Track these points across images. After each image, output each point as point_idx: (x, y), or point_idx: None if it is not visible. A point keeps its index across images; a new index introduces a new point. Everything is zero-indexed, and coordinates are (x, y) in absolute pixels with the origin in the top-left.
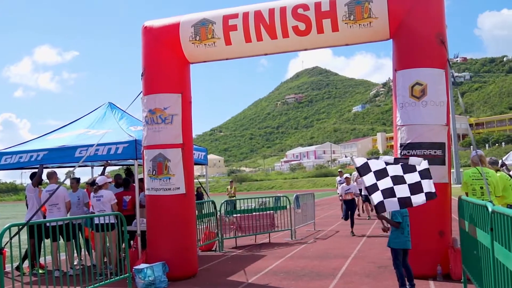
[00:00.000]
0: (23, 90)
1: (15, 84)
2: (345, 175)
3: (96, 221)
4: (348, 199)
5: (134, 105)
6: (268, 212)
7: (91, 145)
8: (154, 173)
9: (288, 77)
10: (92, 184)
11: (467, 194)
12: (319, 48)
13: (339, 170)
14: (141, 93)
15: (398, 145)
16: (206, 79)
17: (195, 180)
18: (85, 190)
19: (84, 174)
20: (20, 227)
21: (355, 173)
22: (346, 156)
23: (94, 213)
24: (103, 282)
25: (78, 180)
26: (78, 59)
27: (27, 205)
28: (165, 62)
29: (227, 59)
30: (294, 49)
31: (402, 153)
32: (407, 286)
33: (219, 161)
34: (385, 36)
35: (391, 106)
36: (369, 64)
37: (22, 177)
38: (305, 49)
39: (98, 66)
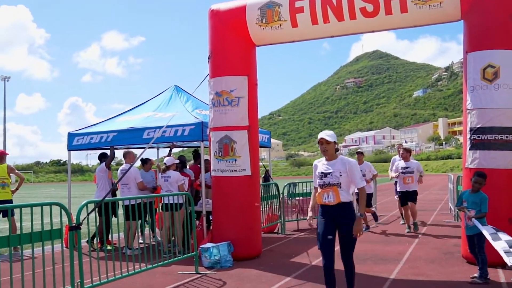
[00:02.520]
0: (91, 75)
1: (83, 69)
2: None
3: (165, 200)
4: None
5: (200, 88)
6: None
7: (159, 127)
8: (220, 155)
9: (348, 61)
10: (144, 163)
11: None
12: (386, 30)
13: (398, 144)
14: (208, 75)
15: (468, 129)
16: (265, 63)
17: (261, 164)
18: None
19: (150, 156)
20: (97, 204)
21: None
22: (406, 142)
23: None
24: (171, 260)
25: (149, 160)
26: (144, 44)
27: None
28: (231, 45)
29: (293, 41)
30: (361, 31)
31: (472, 138)
32: (480, 273)
33: (278, 145)
34: (455, 17)
35: (454, 91)
36: (433, 47)
37: (88, 159)
38: (372, 31)
39: (163, 51)
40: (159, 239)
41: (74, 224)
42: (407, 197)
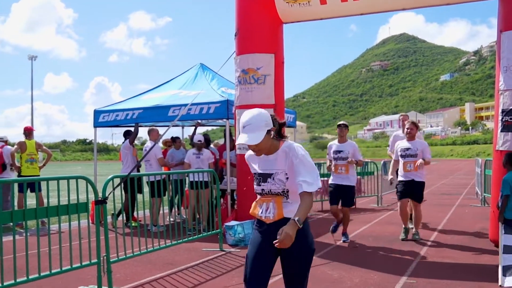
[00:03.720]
0: (118, 55)
1: (110, 49)
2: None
3: (191, 178)
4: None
5: (225, 67)
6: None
7: (184, 105)
8: None
9: (375, 44)
10: (174, 141)
11: None
12: (418, 8)
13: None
14: (234, 53)
15: (500, 111)
16: (290, 44)
17: None
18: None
19: (175, 134)
20: (122, 178)
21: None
22: (431, 126)
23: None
24: (195, 237)
25: (178, 138)
26: (170, 24)
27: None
28: (259, 22)
29: (321, 19)
30: (392, 8)
31: (503, 119)
32: None
33: (302, 127)
34: None
35: (482, 75)
36: (462, 31)
37: (113, 138)
38: (403, 9)
39: (190, 32)
40: (184, 216)
41: (100, 198)
42: (409, 192)
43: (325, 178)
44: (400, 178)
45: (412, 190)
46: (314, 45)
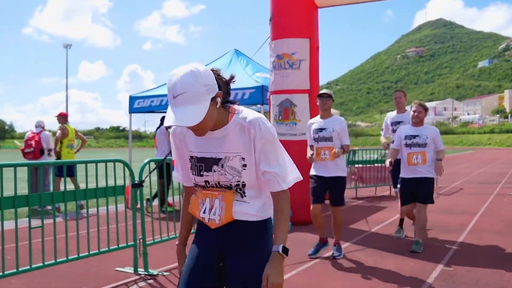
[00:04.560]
0: (152, 43)
1: (144, 37)
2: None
3: None
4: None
5: (259, 53)
6: None
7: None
8: (280, 118)
9: (410, 30)
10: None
11: None
12: None
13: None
14: (269, 38)
15: None
16: (323, 30)
17: None
18: None
19: None
20: (158, 162)
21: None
22: (468, 114)
23: None
24: None
25: None
26: (204, 12)
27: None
28: (293, 7)
29: (356, 2)
30: None
31: None
32: None
33: (335, 114)
34: None
35: None
36: (503, 16)
37: (146, 125)
38: None
39: (223, 19)
40: None
41: (136, 182)
42: (414, 192)
43: (360, 165)
44: (403, 175)
45: (419, 190)
46: (348, 32)
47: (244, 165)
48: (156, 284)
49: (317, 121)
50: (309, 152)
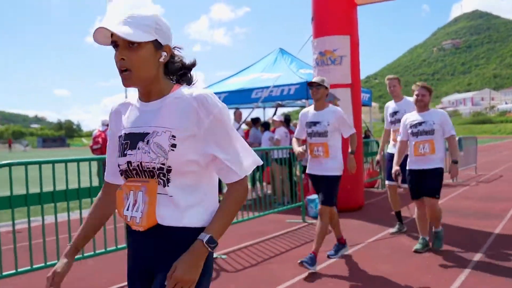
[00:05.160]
0: (201, 45)
1: (194, 40)
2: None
3: (275, 155)
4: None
5: (302, 50)
6: None
7: (266, 87)
8: None
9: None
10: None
11: None
12: None
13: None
14: (311, 36)
15: None
16: (360, 26)
17: (363, 125)
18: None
19: (257, 115)
20: None
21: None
22: (506, 103)
23: None
24: (280, 208)
25: (259, 119)
26: (249, 14)
27: None
28: (334, 5)
29: None
30: None
31: None
32: None
33: (374, 108)
34: None
35: None
36: None
37: None
38: None
39: (267, 20)
40: (267, 191)
41: None
42: (422, 184)
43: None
44: (410, 166)
45: (427, 183)
46: (385, 27)
47: (173, 145)
48: (215, 266)
49: (311, 113)
50: (295, 146)
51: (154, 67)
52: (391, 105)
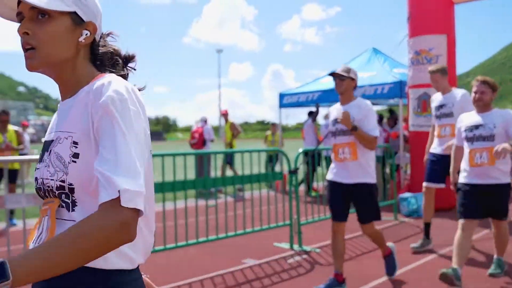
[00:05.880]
0: (292, 45)
1: (285, 39)
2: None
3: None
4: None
5: (395, 50)
6: None
7: (361, 86)
8: (419, 111)
9: None
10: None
11: None
12: None
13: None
14: (406, 36)
15: None
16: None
17: None
18: None
19: None
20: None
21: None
22: None
23: None
24: None
25: None
26: (340, 14)
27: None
28: (431, 4)
29: None
30: None
31: None
32: None
33: None
34: None
35: None
36: None
37: (287, 119)
38: None
39: (358, 19)
40: None
41: (292, 169)
42: (482, 205)
43: None
44: (463, 179)
45: (488, 201)
46: (480, 24)
47: (75, 155)
48: (309, 259)
49: (336, 109)
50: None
51: (69, 47)
52: (437, 98)
